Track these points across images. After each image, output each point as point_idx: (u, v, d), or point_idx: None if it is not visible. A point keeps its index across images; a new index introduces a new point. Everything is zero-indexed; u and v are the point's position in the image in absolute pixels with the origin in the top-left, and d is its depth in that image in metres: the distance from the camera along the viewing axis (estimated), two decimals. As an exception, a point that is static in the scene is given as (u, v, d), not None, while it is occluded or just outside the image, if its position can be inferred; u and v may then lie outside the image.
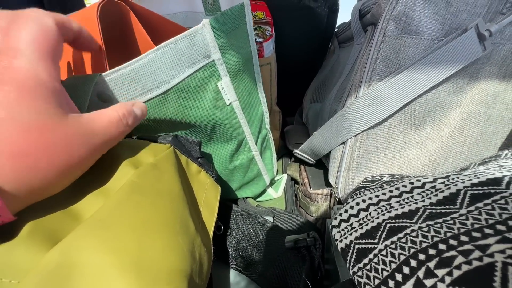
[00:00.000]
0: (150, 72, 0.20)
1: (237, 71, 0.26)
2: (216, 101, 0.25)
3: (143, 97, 0.21)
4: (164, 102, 0.22)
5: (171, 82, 0.21)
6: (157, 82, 0.21)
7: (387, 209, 0.22)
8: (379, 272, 0.18)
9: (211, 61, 0.23)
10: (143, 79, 0.20)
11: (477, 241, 0.15)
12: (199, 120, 0.24)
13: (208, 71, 0.23)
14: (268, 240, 0.24)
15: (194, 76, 0.22)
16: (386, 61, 0.29)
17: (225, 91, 0.25)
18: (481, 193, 0.19)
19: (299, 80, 0.62)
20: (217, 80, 0.24)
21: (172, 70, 0.21)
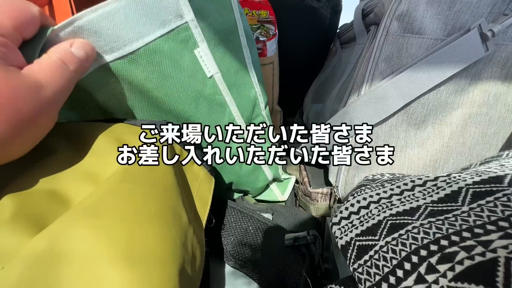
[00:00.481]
0: (113, 25, 0.19)
1: (219, 42, 0.25)
2: (195, 70, 0.24)
3: (107, 55, 0.20)
4: (134, 63, 0.21)
5: (139, 41, 0.20)
6: (123, 39, 0.20)
7: (388, 207, 0.22)
8: (379, 268, 0.18)
9: (184, 23, 0.22)
10: (105, 33, 0.19)
11: (479, 237, 0.15)
12: (178, 90, 0.24)
13: (182, 35, 0.22)
14: (267, 238, 0.24)
15: (166, 37, 0.21)
16: (388, 60, 0.29)
17: (204, 60, 0.24)
18: (483, 190, 0.18)
19: (300, 80, 0.62)
20: (194, 46, 0.23)
21: (139, 26, 0.20)
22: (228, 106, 0.29)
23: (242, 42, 0.30)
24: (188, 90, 0.25)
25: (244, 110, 0.31)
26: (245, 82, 0.31)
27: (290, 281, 0.21)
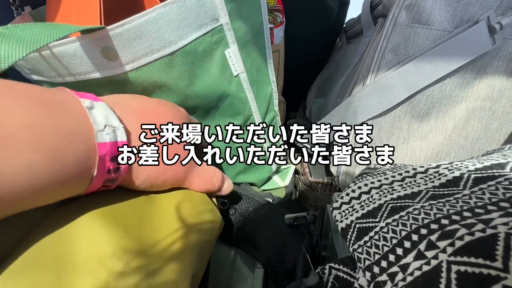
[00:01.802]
0: (157, 29, 0.20)
1: (246, 42, 0.26)
2: (223, 70, 0.25)
3: (148, 56, 0.21)
4: (171, 65, 0.22)
5: (178, 43, 0.21)
6: (164, 41, 0.20)
7: (389, 191, 0.22)
8: (379, 248, 0.18)
9: (219, 25, 0.23)
10: (149, 36, 0.20)
11: (480, 216, 0.15)
12: (205, 88, 0.24)
13: (216, 36, 0.23)
14: (267, 219, 0.24)
15: (201, 39, 0.22)
16: (395, 50, 0.29)
17: (232, 60, 0.25)
18: (485, 176, 0.19)
19: (304, 74, 0.62)
20: (225, 47, 0.24)
21: (179, 30, 0.21)
22: (249, 103, 0.29)
23: (266, 43, 0.30)
24: (215, 88, 0.26)
25: (261, 105, 0.32)
26: (264, 80, 0.32)
27: (289, 258, 0.21)
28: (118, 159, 0.15)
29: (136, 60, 0.20)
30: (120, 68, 0.21)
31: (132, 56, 0.20)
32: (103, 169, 0.14)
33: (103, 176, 0.14)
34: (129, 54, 0.20)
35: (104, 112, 0.14)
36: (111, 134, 0.14)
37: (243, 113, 0.29)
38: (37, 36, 0.16)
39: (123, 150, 0.15)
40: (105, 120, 0.14)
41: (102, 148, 0.14)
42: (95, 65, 0.20)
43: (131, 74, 0.21)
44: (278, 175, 0.41)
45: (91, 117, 0.14)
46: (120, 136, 0.15)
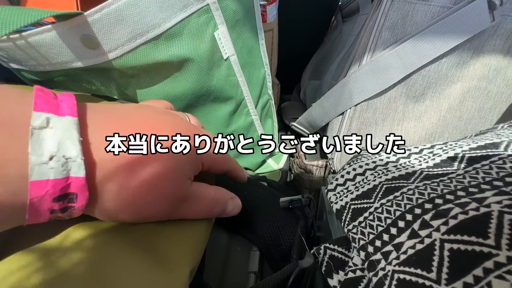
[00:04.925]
0: (138, 12, 0.18)
1: (236, 22, 0.25)
2: (213, 53, 0.24)
3: (132, 42, 0.19)
4: (156, 50, 0.21)
5: (162, 26, 0.20)
6: (147, 25, 0.19)
7: (383, 173, 0.22)
8: (374, 228, 0.18)
9: (205, 5, 0.21)
10: (130, 20, 0.18)
11: (474, 195, 0.15)
12: (194, 73, 0.23)
13: (203, 17, 0.22)
14: (262, 202, 0.24)
15: (187, 21, 0.21)
16: (392, 28, 0.28)
17: (222, 42, 0.24)
18: (479, 155, 0.19)
19: (299, 54, 0.61)
20: (214, 28, 0.23)
21: (162, 12, 0.19)
22: (240, 87, 0.28)
23: (257, 22, 0.29)
24: (204, 72, 0.24)
25: (253, 89, 0.30)
26: (256, 62, 0.30)
27: (284, 240, 0.21)
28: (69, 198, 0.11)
29: (119, 47, 0.19)
30: (102, 56, 0.19)
31: (115, 43, 0.19)
32: (37, 212, 0.11)
33: (44, 217, 0.11)
34: (111, 41, 0.19)
35: (59, 136, 0.10)
36: (59, 168, 0.10)
37: (235, 97, 0.28)
38: (5, 20, 0.14)
39: (74, 193, 0.11)
40: (55, 148, 0.10)
41: (37, 188, 0.10)
42: (76, 55, 0.19)
43: (115, 62, 0.20)
44: (273, 158, 0.41)
45: (34, 142, 0.10)
46: (75, 171, 0.11)
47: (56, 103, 0.11)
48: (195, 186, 0.15)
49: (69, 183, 0.11)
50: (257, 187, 0.25)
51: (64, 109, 0.11)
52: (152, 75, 0.22)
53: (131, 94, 0.23)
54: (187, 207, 0.15)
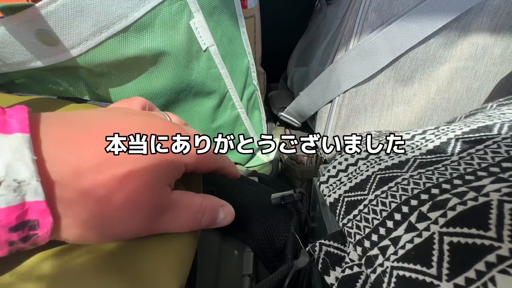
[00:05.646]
0: (100, 1, 0.16)
1: (213, 9, 0.23)
2: (190, 44, 0.22)
3: (96, 36, 0.17)
4: (125, 43, 0.19)
5: (130, 17, 0.18)
6: (112, 15, 0.17)
7: (376, 162, 0.22)
8: (369, 222, 0.17)
9: None
10: (92, 11, 0.16)
11: (471, 183, 0.15)
12: (171, 67, 0.21)
13: (176, 5, 0.20)
14: (253, 199, 0.23)
15: (158, 10, 0.19)
16: (379, 9, 0.27)
17: (199, 32, 0.22)
18: (473, 139, 0.18)
19: (283, 41, 0.59)
20: (189, 17, 0.21)
21: (129, 0, 0.17)
22: (223, 79, 0.27)
23: (237, 9, 0.27)
24: (182, 65, 0.22)
25: (237, 80, 0.29)
26: (238, 51, 0.28)
27: (278, 238, 0.20)
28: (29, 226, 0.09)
29: (82, 42, 0.17)
30: (64, 53, 0.17)
31: (76, 37, 0.17)
32: None
33: (3, 250, 0.10)
34: (72, 35, 0.17)
35: (7, 157, 0.09)
36: (11, 195, 0.09)
37: (218, 91, 0.26)
38: None
39: (34, 219, 0.09)
40: (3, 172, 0.09)
41: None
42: (33, 53, 0.17)
43: (80, 60, 0.18)
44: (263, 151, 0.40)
45: None
46: (31, 195, 0.09)
47: (3, 120, 0.10)
48: (176, 194, 0.14)
49: (26, 210, 0.09)
50: (248, 184, 0.24)
51: (13, 125, 0.10)
52: (124, 72, 0.20)
53: (104, 94, 0.21)
54: (169, 219, 0.13)
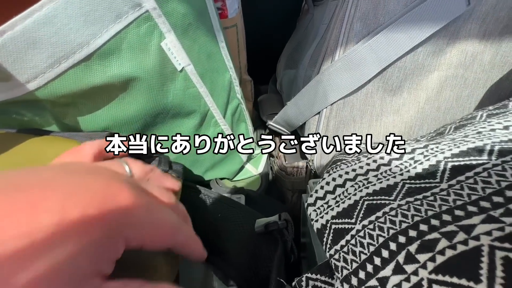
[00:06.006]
0: (55, 31, 0.15)
1: (187, 27, 0.21)
2: (163, 66, 0.20)
3: (55, 68, 0.16)
4: (89, 72, 0.17)
5: (91, 44, 0.16)
6: (71, 45, 0.16)
7: (364, 185, 0.21)
8: (356, 255, 0.17)
9: (144, 12, 0.18)
10: (46, 42, 0.15)
11: (460, 221, 0.14)
12: (144, 92, 0.20)
13: (144, 27, 0.18)
14: (237, 225, 0.22)
15: (124, 33, 0.17)
16: (364, 19, 0.26)
17: (173, 53, 0.20)
18: (462, 164, 0.17)
19: (270, 44, 0.57)
20: (159, 38, 0.19)
21: (88, 27, 0.16)
22: (203, 98, 0.25)
23: (214, 24, 0.25)
24: (156, 89, 0.21)
25: (219, 97, 0.27)
26: (218, 67, 0.27)
27: (262, 269, 0.19)
28: None
29: (39, 75, 0.16)
30: (20, 88, 0.16)
31: (32, 71, 0.15)
32: None
33: None
34: (26, 69, 0.15)
35: None
36: None
37: (198, 110, 0.25)
38: None
39: None
40: None
41: None
42: None
43: (40, 93, 0.16)
44: (251, 163, 0.39)
45: None
46: None
47: None
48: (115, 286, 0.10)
49: None
50: (232, 208, 0.23)
51: None
52: (92, 100, 0.19)
53: (72, 123, 0.20)
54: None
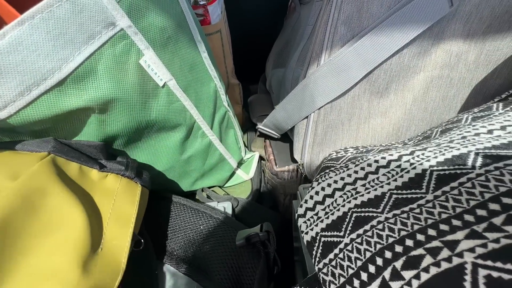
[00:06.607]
0: (22, 59, 0.14)
1: (166, 41, 0.20)
2: (144, 84, 0.20)
3: (25, 96, 0.15)
4: (63, 97, 0.16)
5: (63, 69, 0.15)
6: (40, 72, 0.15)
7: (352, 195, 0.21)
8: (344, 270, 0.17)
9: (119, 31, 0.17)
10: (14, 70, 0.14)
11: (445, 236, 0.14)
12: (125, 112, 0.19)
13: (119, 46, 0.17)
14: (220, 237, 0.22)
15: (99, 54, 0.17)
16: (348, 22, 0.26)
17: (153, 69, 0.20)
18: (447, 174, 0.17)
19: (259, 43, 0.56)
20: (137, 56, 0.19)
21: (58, 51, 0.15)
22: (188, 111, 0.25)
23: (194, 36, 0.24)
24: (138, 108, 0.20)
25: (205, 108, 0.27)
26: (202, 78, 0.26)
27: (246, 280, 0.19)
28: None
29: (8, 104, 0.15)
30: None
31: (0, 101, 0.14)
32: None
33: None
34: None
35: None
36: None
37: (184, 123, 0.24)
38: None
39: None
40: None
41: None
42: None
43: (12, 120, 0.16)
44: (242, 168, 0.39)
45: None
46: None
47: None
48: None
49: None
50: (215, 220, 0.23)
51: None
52: (70, 124, 0.18)
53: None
54: None
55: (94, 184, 0.17)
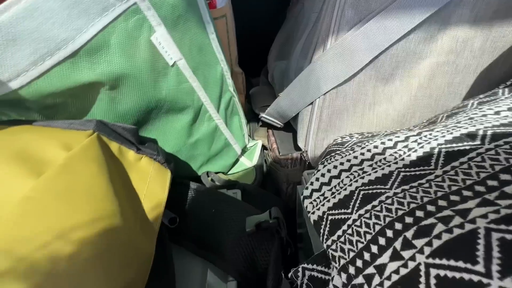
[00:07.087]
0: (36, 26, 0.14)
1: (177, 19, 0.20)
2: (154, 62, 0.20)
3: (39, 66, 0.15)
4: (76, 69, 0.16)
5: (77, 40, 0.15)
6: (54, 41, 0.15)
7: (359, 175, 0.21)
8: (353, 244, 0.17)
9: (132, 5, 0.17)
10: (27, 38, 0.14)
11: (456, 206, 0.14)
12: (136, 90, 0.19)
13: (132, 20, 0.17)
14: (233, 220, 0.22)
15: (111, 28, 0.16)
16: (356, 5, 0.25)
17: (163, 47, 0.19)
18: (456, 150, 0.17)
19: (261, 35, 0.56)
20: (149, 32, 0.18)
21: (72, 21, 0.15)
22: (196, 92, 0.24)
23: (204, 16, 0.24)
24: (148, 86, 0.20)
25: (212, 91, 0.27)
26: (210, 60, 0.26)
27: (261, 263, 0.19)
28: None
29: (21, 74, 0.15)
30: (1, 87, 0.15)
31: (13, 69, 0.14)
32: None
33: None
34: (7, 67, 0.14)
35: None
36: None
37: (192, 105, 0.24)
38: None
39: None
40: None
41: None
42: None
43: (23, 92, 0.16)
44: (245, 155, 0.39)
45: None
46: None
47: None
48: None
49: None
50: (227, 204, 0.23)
51: None
52: (81, 100, 0.18)
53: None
54: None
55: (131, 165, 0.18)
